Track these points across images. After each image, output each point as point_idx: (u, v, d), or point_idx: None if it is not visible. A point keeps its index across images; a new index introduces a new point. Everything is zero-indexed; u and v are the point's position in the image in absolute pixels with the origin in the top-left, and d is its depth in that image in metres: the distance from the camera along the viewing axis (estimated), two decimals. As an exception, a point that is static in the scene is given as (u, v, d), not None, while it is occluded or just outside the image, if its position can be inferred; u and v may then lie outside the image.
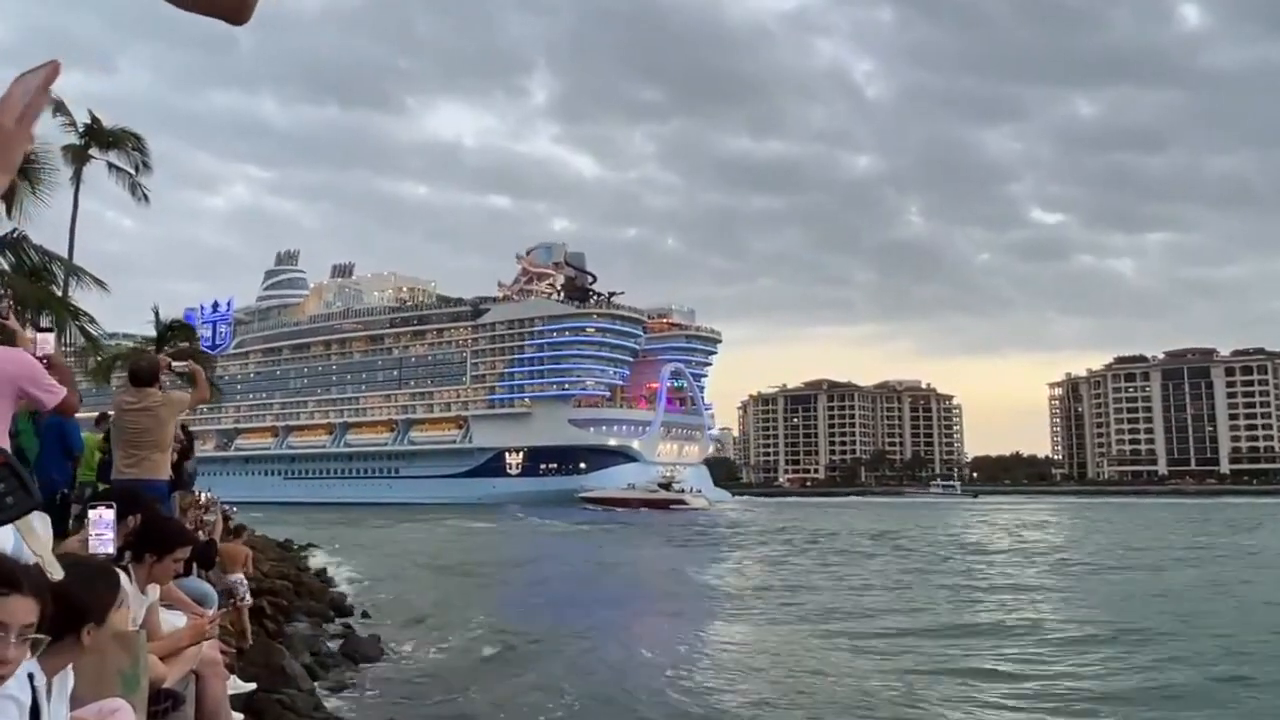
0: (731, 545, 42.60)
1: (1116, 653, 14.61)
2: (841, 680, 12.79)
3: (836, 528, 55.09)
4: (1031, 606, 20.47)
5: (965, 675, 13.17)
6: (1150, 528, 54.94)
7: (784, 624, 18.20)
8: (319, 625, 15.45)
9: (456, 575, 26.72)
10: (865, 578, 27.04)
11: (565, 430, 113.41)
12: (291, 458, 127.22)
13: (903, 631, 17.09)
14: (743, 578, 27.90)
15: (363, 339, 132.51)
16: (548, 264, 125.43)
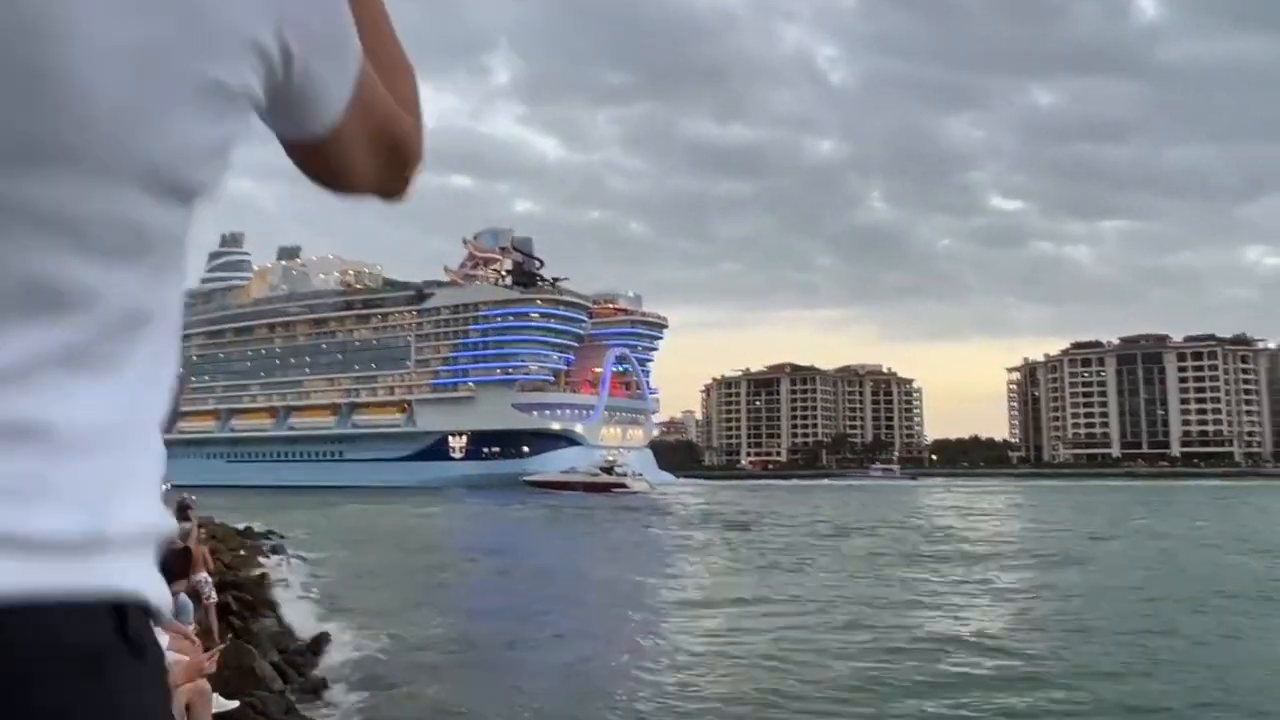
0: (659, 530, 44.00)
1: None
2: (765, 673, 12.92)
3: (763, 511, 57.18)
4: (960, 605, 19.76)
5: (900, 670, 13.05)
6: (1081, 510, 55.98)
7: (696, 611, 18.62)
8: (283, 620, 15.41)
9: (415, 562, 26.97)
10: (771, 563, 27.92)
11: (509, 414, 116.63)
12: (235, 441, 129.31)
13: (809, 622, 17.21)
14: (664, 566, 28.30)
15: (307, 322, 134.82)
16: (494, 249, 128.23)
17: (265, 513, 40.51)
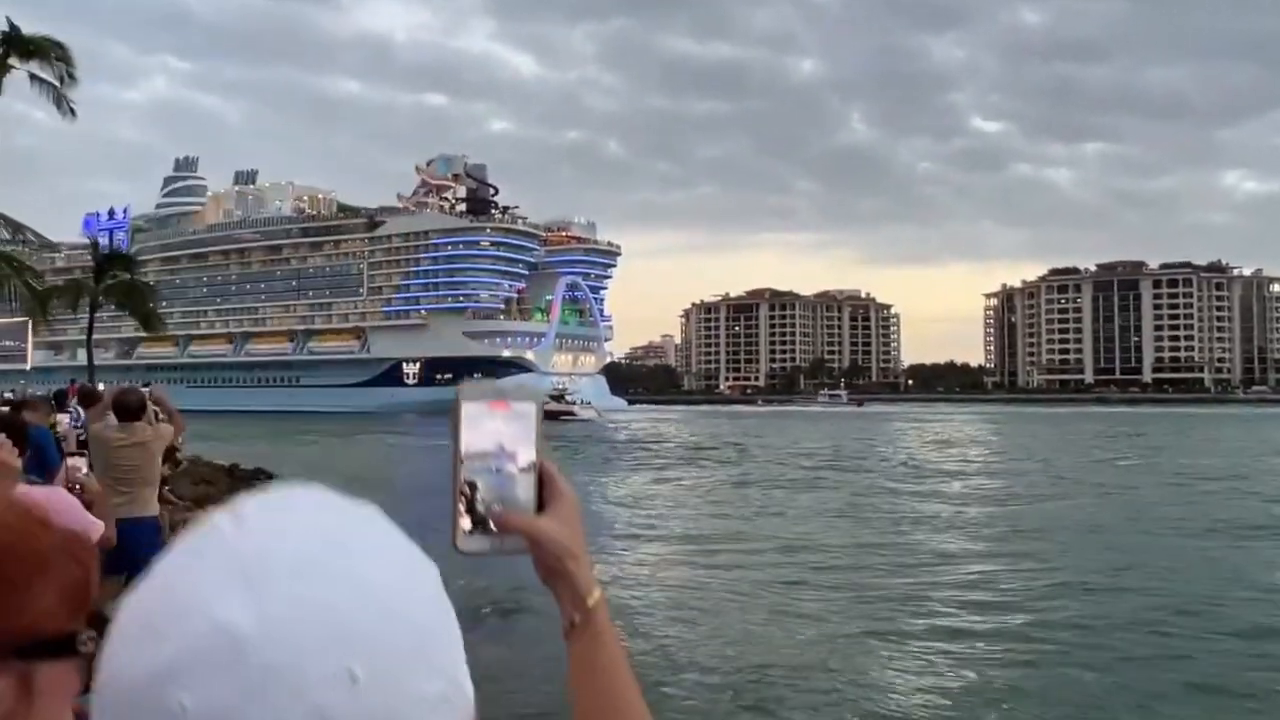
0: (599, 457, 46.43)
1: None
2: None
3: (705, 438, 61.09)
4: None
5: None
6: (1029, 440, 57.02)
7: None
8: None
9: (404, 506, 30.43)
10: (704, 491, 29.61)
11: (460, 342, 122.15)
12: (194, 366, 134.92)
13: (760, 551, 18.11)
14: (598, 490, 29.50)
15: (261, 249, 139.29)
16: (446, 175, 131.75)
17: (237, 444, 40.88)
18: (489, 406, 0.93)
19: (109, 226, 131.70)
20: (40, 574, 0.75)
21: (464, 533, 0.92)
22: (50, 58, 26.38)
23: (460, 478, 0.92)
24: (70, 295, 38.81)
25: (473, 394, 0.94)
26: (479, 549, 0.92)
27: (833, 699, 9.38)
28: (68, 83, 26.74)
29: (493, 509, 0.92)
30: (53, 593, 0.75)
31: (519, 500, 0.93)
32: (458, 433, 0.93)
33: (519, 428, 0.94)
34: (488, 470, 0.92)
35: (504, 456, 0.93)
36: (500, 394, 0.94)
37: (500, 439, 0.92)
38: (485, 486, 0.92)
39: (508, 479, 0.93)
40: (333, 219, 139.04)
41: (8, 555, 0.73)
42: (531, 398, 0.95)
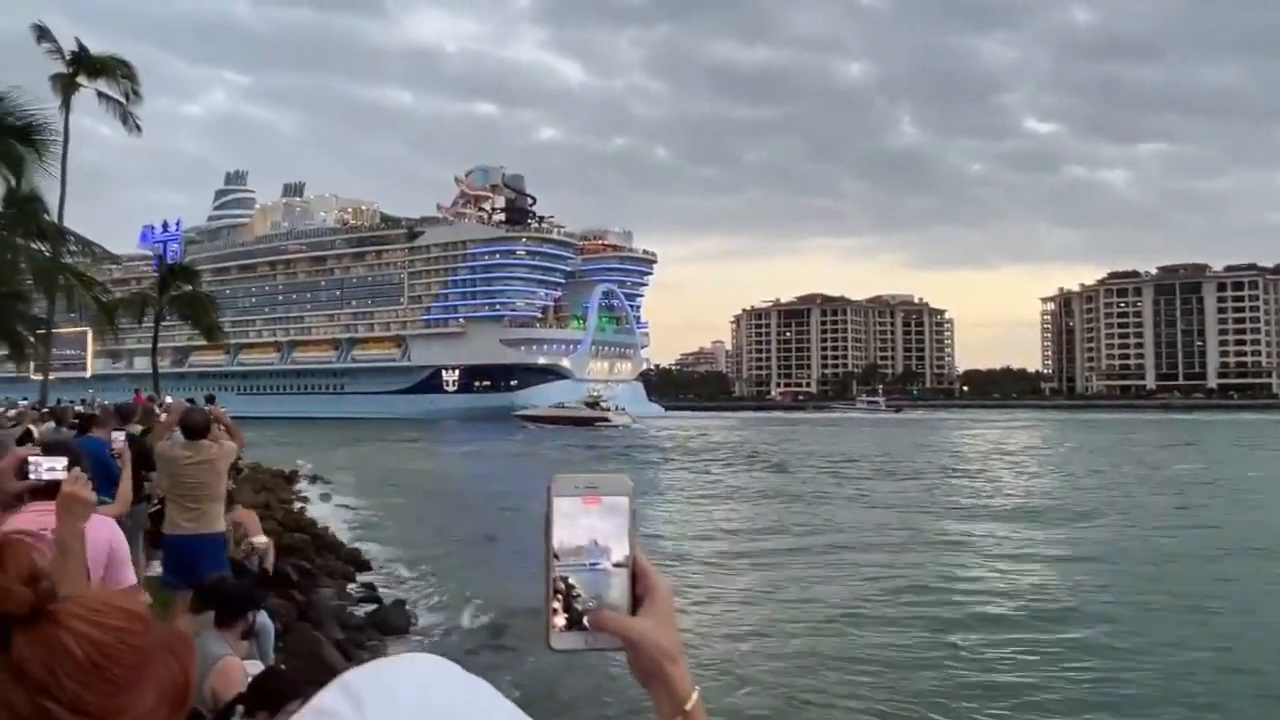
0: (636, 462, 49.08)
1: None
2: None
3: (727, 443, 63.64)
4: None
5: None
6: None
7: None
8: (343, 589, 15.08)
9: (450, 513, 27.05)
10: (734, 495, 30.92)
11: (498, 349, 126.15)
12: (243, 374, 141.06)
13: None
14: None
15: (307, 259, 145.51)
16: (485, 186, 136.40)
17: (289, 450, 41.02)
18: (582, 502, 0.94)
19: (164, 239, 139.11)
20: (141, 673, 0.76)
21: (558, 631, 0.93)
22: (116, 75, 27.73)
23: (553, 574, 0.93)
24: (136, 307, 40.01)
25: (565, 488, 0.94)
26: (572, 647, 0.93)
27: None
28: (133, 99, 28.08)
29: (588, 609, 0.92)
30: (153, 692, 0.77)
31: (614, 598, 0.94)
32: (550, 528, 0.94)
33: (612, 523, 0.95)
34: (581, 567, 0.94)
35: (598, 552, 0.94)
36: (593, 488, 0.95)
37: (594, 535, 0.93)
38: (579, 584, 0.93)
39: (602, 576, 0.94)
40: (375, 230, 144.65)
41: (109, 655, 0.75)
42: (624, 490, 0.96)
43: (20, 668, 0.72)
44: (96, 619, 0.75)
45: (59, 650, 0.73)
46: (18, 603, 0.74)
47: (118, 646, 0.74)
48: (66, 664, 0.72)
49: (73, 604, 0.76)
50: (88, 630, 0.74)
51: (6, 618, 0.73)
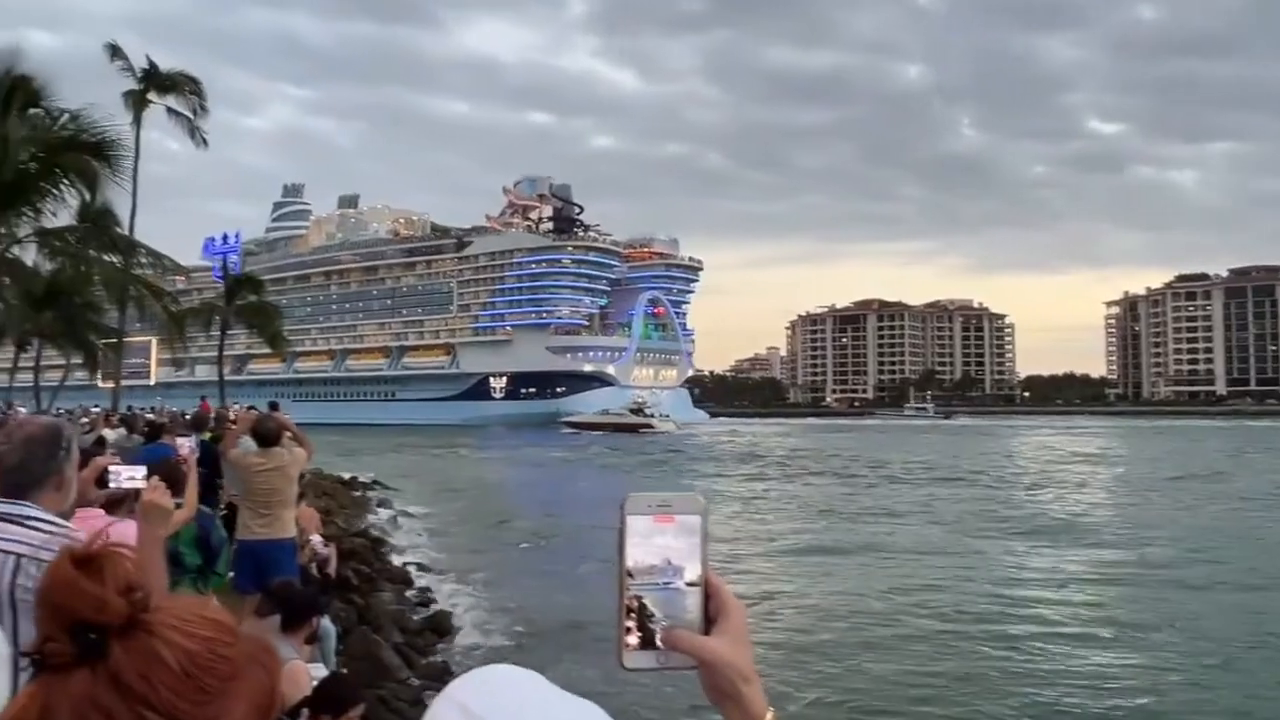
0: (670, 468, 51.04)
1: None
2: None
3: (779, 448, 64.84)
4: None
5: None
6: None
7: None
8: (401, 593, 15.32)
9: (503, 518, 27.32)
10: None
11: (544, 356, 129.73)
12: (299, 381, 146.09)
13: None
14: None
15: (360, 269, 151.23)
16: (532, 196, 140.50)
17: (347, 457, 41.65)
18: (654, 521, 0.95)
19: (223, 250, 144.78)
20: (232, 683, 0.80)
21: (630, 650, 0.94)
22: (185, 92, 29.06)
23: (625, 593, 0.94)
24: (203, 316, 41.46)
25: (638, 507, 0.95)
26: (645, 666, 0.94)
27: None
28: (200, 114, 29.43)
29: (661, 628, 0.93)
30: (243, 702, 0.80)
31: (687, 617, 0.95)
32: (623, 547, 0.95)
33: (685, 542, 0.95)
34: (654, 586, 0.94)
35: (670, 572, 0.94)
36: (666, 506, 0.95)
37: (667, 554, 0.94)
38: (652, 603, 0.93)
39: (675, 595, 0.95)
40: (426, 240, 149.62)
41: (201, 665, 0.78)
42: (697, 509, 0.96)
43: (118, 676, 0.76)
44: (188, 629, 0.79)
45: (154, 660, 0.76)
46: (115, 613, 0.77)
47: (209, 656, 0.78)
48: (161, 673, 0.76)
49: (165, 614, 0.79)
50: (180, 640, 0.78)
51: (104, 628, 0.77)
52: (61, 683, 0.76)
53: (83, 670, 0.76)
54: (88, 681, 0.76)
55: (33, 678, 0.78)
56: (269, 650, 0.85)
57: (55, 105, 20.61)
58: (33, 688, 0.77)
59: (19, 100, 19.70)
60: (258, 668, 0.82)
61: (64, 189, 20.62)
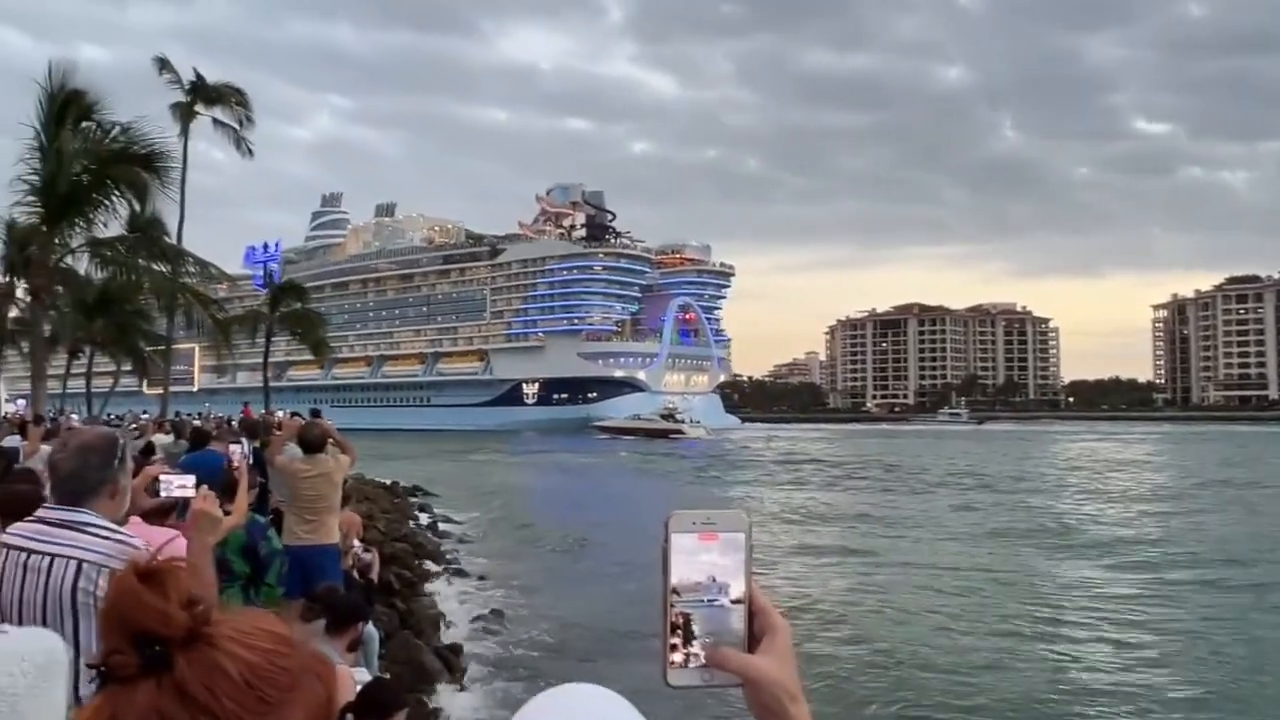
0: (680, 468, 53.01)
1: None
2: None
3: (808, 452, 65.83)
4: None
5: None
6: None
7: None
8: (442, 596, 15.47)
9: (540, 522, 27.60)
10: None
11: (576, 363, 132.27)
12: (336, 387, 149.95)
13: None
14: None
15: (396, 277, 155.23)
16: (565, 203, 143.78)
17: (386, 462, 42.14)
18: (698, 538, 0.95)
19: (264, 259, 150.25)
20: (291, 694, 0.83)
21: (675, 667, 0.95)
22: (231, 103, 29.90)
23: (671, 610, 0.94)
24: (249, 324, 42.01)
25: (682, 524, 0.96)
26: (690, 684, 0.95)
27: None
28: (246, 125, 30.30)
29: (707, 646, 0.94)
30: (301, 712, 0.83)
31: (732, 635, 0.95)
32: (668, 565, 0.95)
33: (730, 559, 0.96)
34: (699, 603, 0.95)
35: (715, 589, 0.94)
36: (710, 524, 0.96)
37: (712, 571, 0.95)
38: (697, 621, 0.94)
39: (720, 613, 0.95)
40: (460, 247, 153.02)
41: (262, 676, 0.81)
42: (741, 527, 0.96)
43: (184, 689, 0.79)
44: (248, 641, 0.82)
45: (217, 672, 0.80)
46: (178, 626, 0.80)
47: (269, 668, 0.81)
48: (224, 685, 0.79)
49: (225, 626, 0.82)
50: (241, 652, 0.81)
51: (168, 640, 0.80)
52: (127, 694, 0.79)
53: (148, 682, 0.79)
54: (153, 693, 0.79)
55: (99, 689, 0.81)
56: (324, 661, 0.88)
57: (106, 118, 21.41)
58: (100, 699, 0.80)
59: (72, 114, 20.59)
60: (314, 678, 0.85)
61: (115, 200, 21.46)
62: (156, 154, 21.34)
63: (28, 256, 22.37)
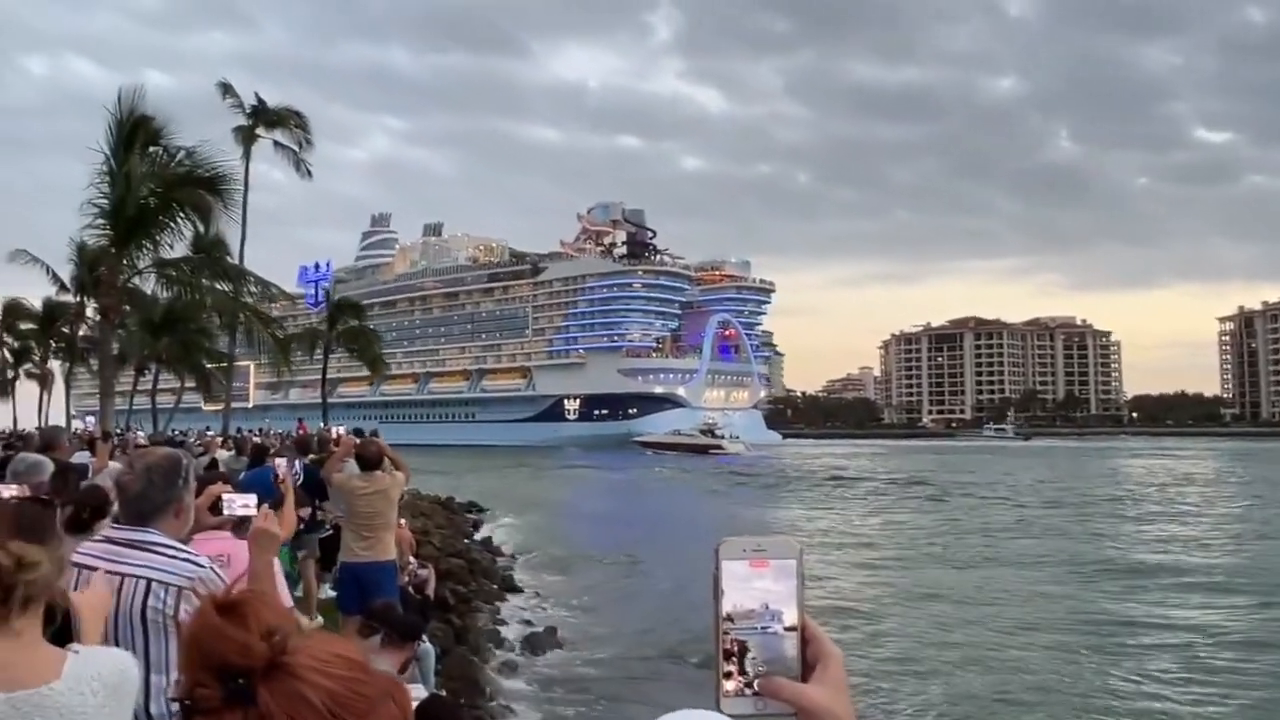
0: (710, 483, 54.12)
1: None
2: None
3: (852, 469, 66.46)
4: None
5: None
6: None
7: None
8: (497, 613, 15.68)
9: (590, 537, 27.93)
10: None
11: (616, 379, 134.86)
12: (384, 404, 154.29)
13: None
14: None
15: (441, 295, 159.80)
16: (605, 222, 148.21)
17: (437, 477, 42.31)
18: (750, 565, 0.96)
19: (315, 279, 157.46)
20: (369, 719, 0.86)
21: (728, 695, 0.95)
22: (290, 126, 30.84)
23: (724, 638, 0.95)
24: (307, 341, 43.06)
25: (733, 551, 0.96)
26: (742, 712, 0.95)
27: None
28: (305, 147, 31.17)
29: (759, 674, 0.95)
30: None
31: (785, 663, 0.96)
32: (719, 592, 0.95)
33: (783, 586, 0.96)
34: (752, 631, 0.95)
35: (768, 617, 0.95)
36: (761, 550, 0.96)
37: (764, 599, 0.95)
38: (751, 648, 0.95)
39: (773, 640, 0.95)
40: (504, 266, 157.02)
41: (342, 703, 0.84)
42: (792, 553, 0.97)
43: (267, 719, 0.83)
44: (326, 668, 0.85)
45: (299, 700, 0.83)
46: (259, 657, 0.84)
47: (349, 695, 0.85)
48: (307, 713, 0.83)
49: (304, 655, 0.86)
50: (322, 680, 0.85)
51: (250, 672, 0.84)
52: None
53: (233, 714, 0.83)
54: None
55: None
56: (399, 685, 0.91)
57: (172, 143, 22.14)
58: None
59: (140, 139, 21.32)
60: (390, 703, 0.88)
61: (180, 221, 22.10)
62: (220, 177, 22.05)
63: (97, 277, 23.16)
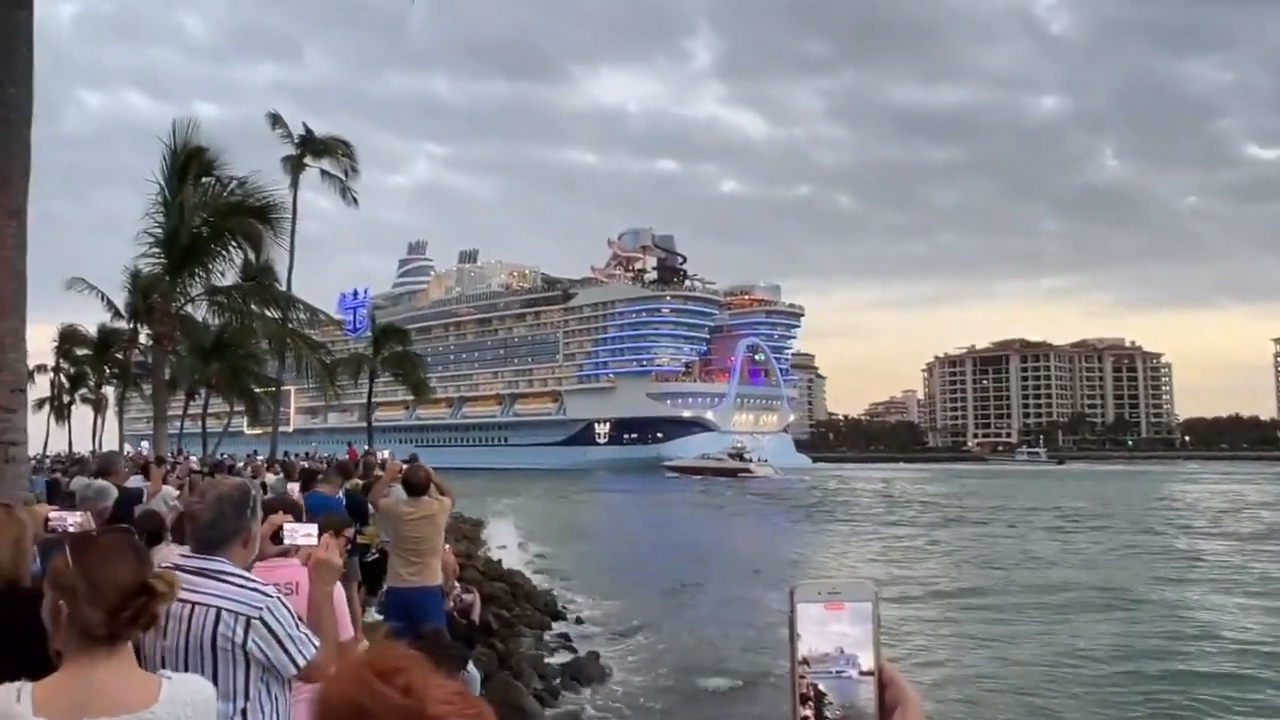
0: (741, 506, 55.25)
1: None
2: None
3: (879, 491, 67.26)
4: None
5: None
6: None
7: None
8: (539, 638, 15.90)
9: (631, 561, 28.24)
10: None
11: (645, 403, 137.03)
12: (420, 428, 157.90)
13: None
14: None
15: (474, 321, 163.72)
16: (635, 247, 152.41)
17: (472, 500, 40.27)
18: (825, 609, 0.96)
19: (353, 305, 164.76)
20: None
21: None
22: (337, 155, 31.55)
23: (799, 683, 0.95)
24: (352, 366, 43.94)
25: (807, 595, 0.96)
26: None
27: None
28: (351, 176, 31.89)
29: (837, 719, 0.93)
30: None
31: (862, 709, 0.95)
32: (795, 635, 0.95)
33: (858, 630, 0.96)
34: (828, 675, 0.95)
35: (844, 661, 0.94)
36: (835, 594, 0.96)
37: (840, 643, 0.95)
38: (827, 693, 0.94)
39: (849, 685, 0.95)
40: (536, 291, 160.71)
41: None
42: (868, 596, 0.96)
43: None
44: (464, 713, 0.92)
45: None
46: (417, 716, 0.90)
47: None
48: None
49: (431, 702, 0.90)
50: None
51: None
52: None
53: None
54: None
55: None
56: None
57: (224, 173, 22.80)
58: None
59: (194, 170, 22.01)
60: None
61: (231, 250, 22.72)
62: (270, 206, 22.79)
63: (151, 304, 23.80)
